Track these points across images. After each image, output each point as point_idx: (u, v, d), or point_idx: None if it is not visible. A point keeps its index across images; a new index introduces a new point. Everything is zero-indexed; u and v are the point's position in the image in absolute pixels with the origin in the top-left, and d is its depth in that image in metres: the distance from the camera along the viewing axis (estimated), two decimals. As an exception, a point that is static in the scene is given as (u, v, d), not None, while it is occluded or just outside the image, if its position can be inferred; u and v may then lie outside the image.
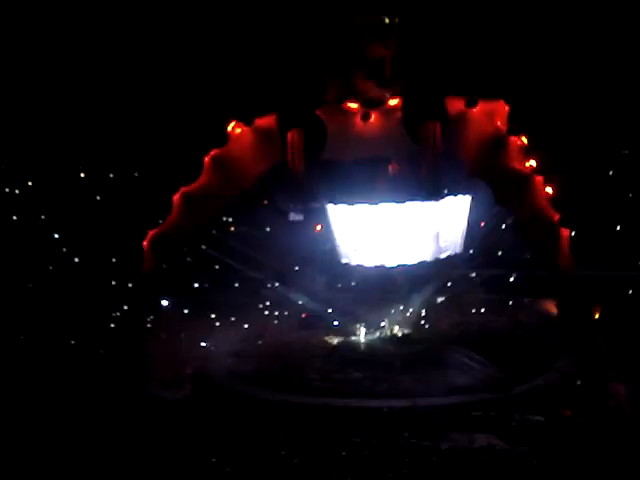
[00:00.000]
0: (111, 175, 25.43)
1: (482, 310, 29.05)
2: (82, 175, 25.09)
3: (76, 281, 24.61)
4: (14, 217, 24.70)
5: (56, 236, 24.57)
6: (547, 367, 23.64)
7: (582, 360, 22.84)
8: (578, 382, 21.69)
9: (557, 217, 25.12)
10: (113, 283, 25.12)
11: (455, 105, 25.61)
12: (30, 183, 24.27)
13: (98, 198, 25.42)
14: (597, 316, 25.57)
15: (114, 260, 25.36)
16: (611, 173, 25.80)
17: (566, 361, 23.68)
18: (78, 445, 17.64)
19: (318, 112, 26.31)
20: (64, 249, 24.66)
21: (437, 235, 28.14)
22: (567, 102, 24.90)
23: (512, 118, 25.24)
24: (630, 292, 25.16)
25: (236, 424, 19.63)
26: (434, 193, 27.63)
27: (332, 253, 29.48)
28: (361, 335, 28.81)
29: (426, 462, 16.64)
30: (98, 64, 24.55)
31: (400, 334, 28.25)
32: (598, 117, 25.11)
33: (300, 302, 29.48)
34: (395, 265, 28.00)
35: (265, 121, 26.79)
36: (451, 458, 16.94)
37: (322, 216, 29.20)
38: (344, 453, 17.30)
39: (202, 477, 15.83)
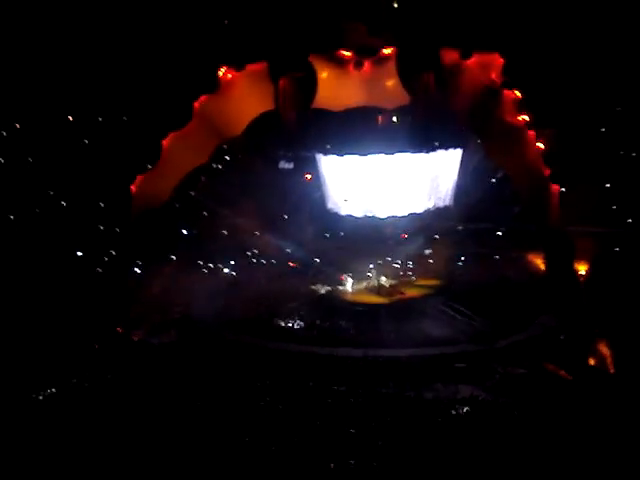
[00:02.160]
0: (100, 119, 25.05)
1: (469, 263, 29.25)
2: (70, 118, 24.65)
3: (63, 224, 24.41)
4: (1, 160, 24.36)
5: (44, 179, 24.28)
6: (531, 321, 23.91)
7: (566, 315, 23.15)
8: (561, 337, 22.00)
9: (547, 172, 25.18)
10: (101, 227, 24.98)
11: (450, 56, 25.39)
12: (18, 125, 23.88)
13: (86, 141, 25.08)
14: (583, 272, 25.77)
15: (102, 204, 25.17)
16: (603, 130, 25.67)
17: (550, 316, 23.98)
18: (64, 388, 17.76)
19: (310, 59, 26.04)
20: (51, 192, 24.42)
21: (427, 187, 28.19)
22: (562, 58, 24.62)
23: (506, 71, 25.12)
24: (617, 249, 25.29)
25: (221, 369, 19.77)
26: (425, 145, 27.59)
27: (321, 202, 29.51)
28: (348, 285, 28.94)
29: (409, 412, 16.88)
30: (90, 10, 24.06)
31: (387, 285, 28.44)
32: (592, 74, 24.87)
33: (288, 250, 29.56)
34: (385, 216, 28.08)
35: (256, 67, 26.49)
36: (434, 408, 17.19)
37: (312, 165, 29.16)
38: (329, 400, 17.53)
39: (186, 421, 16.00)
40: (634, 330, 21.21)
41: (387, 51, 25.71)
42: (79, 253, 24.34)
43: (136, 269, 25.84)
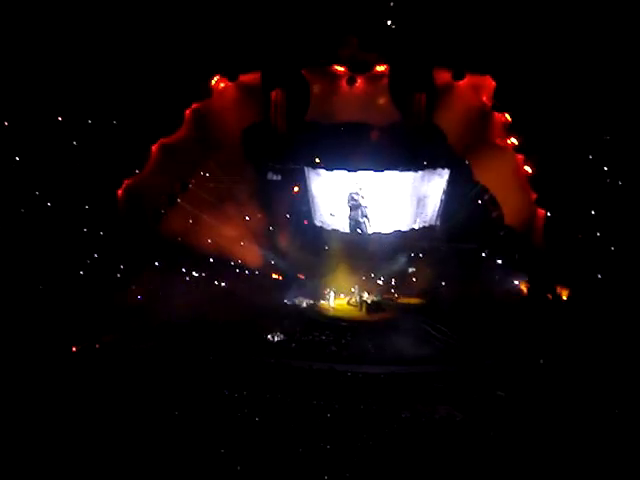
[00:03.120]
0: (89, 121, 24.95)
1: (452, 283, 29.22)
2: (60, 119, 24.53)
3: (49, 226, 24.24)
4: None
5: (30, 180, 24.11)
6: (512, 343, 23.95)
7: (547, 338, 23.19)
8: (541, 361, 22.04)
9: (534, 196, 25.35)
10: (85, 230, 24.83)
11: (442, 76, 25.57)
12: (6, 123, 23.73)
13: (75, 143, 24.97)
14: (565, 297, 25.87)
15: (87, 207, 25.03)
16: (590, 157, 25.85)
17: (531, 339, 24.02)
18: (42, 392, 17.60)
19: (304, 72, 26.14)
20: (37, 193, 24.27)
21: (414, 206, 28.26)
22: (552, 83, 24.82)
23: (497, 94, 25.31)
24: (599, 276, 25.42)
25: (199, 378, 19.69)
26: (414, 164, 27.70)
27: (308, 216, 29.52)
28: (330, 299, 28.90)
29: (386, 429, 16.85)
30: (85, 13, 24.04)
31: (369, 301, 28.42)
32: (582, 101, 25.08)
33: (272, 262, 29.52)
34: (370, 233, 28.11)
35: (249, 78, 26.57)
36: (411, 427, 17.18)
37: (300, 178, 29.18)
38: (306, 415, 17.47)
39: (165, 430, 15.89)
40: (616, 354, 21.33)
41: (380, 68, 25.86)
42: (62, 256, 24.21)
43: (119, 274, 25.73)
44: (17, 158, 24.04)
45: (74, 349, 21.53)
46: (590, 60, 24.62)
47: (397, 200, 28.18)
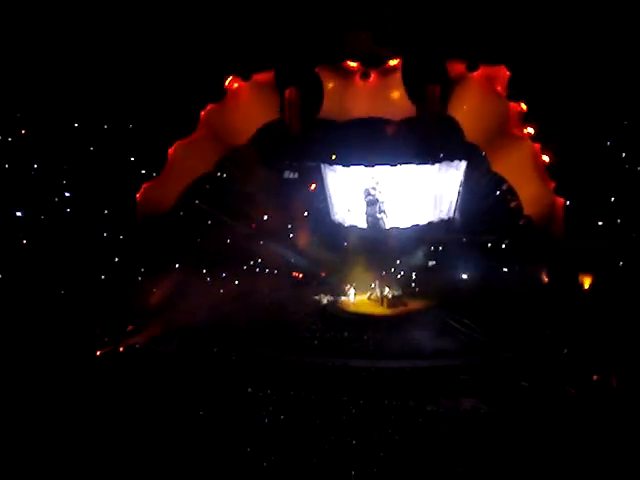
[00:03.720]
0: (105, 126, 25.13)
1: (473, 275, 29.16)
2: (76, 125, 24.73)
3: (69, 231, 24.44)
4: (6, 165, 24.40)
5: (49, 185, 24.34)
6: (535, 334, 23.80)
7: (570, 328, 23.03)
8: (565, 350, 21.89)
9: (553, 185, 25.13)
10: (105, 234, 25.00)
11: (456, 68, 25.45)
12: (24, 132, 23.96)
13: (92, 148, 25.16)
14: (587, 285, 25.67)
15: (106, 212, 25.20)
16: (608, 144, 25.67)
17: (554, 329, 23.87)
18: (66, 394, 17.74)
19: (317, 70, 26.10)
20: (56, 199, 24.48)
21: (431, 199, 28.14)
22: (568, 72, 24.68)
23: (512, 84, 25.14)
24: (621, 263, 25.23)
25: (223, 379, 19.73)
26: (430, 157, 27.56)
27: (326, 212, 29.49)
28: (351, 295, 28.87)
29: (411, 423, 16.82)
30: (97, 18, 24.23)
31: (390, 296, 28.35)
32: (598, 89, 24.91)
33: (292, 260, 29.53)
34: (389, 227, 28.01)
35: (263, 77, 26.61)
36: (436, 420, 17.13)
37: (317, 175, 29.15)
38: (331, 411, 17.47)
39: (187, 430, 15.96)
40: (637, 343, 21.18)
41: (393, 62, 25.76)
42: (83, 260, 24.39)
43: (139, 277, 25.84)
44: (36, 165, 24.31)
45: (98, 353, 21.67)
46: (605, 46, 24.48)
47: (414, 194, 28.08)
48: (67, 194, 24.85)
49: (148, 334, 23.87)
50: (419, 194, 28.22)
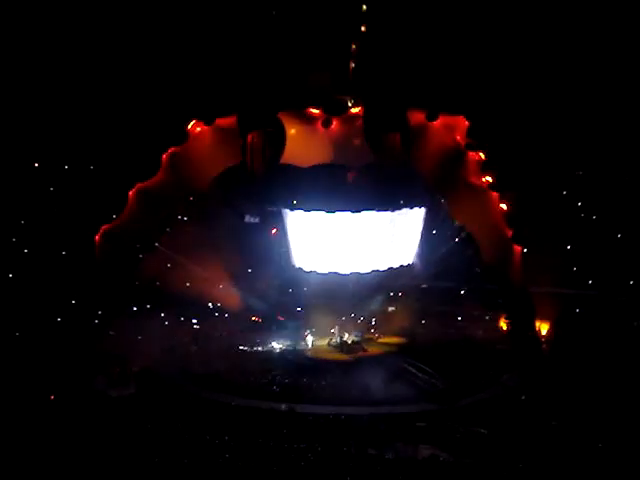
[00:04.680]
0: (66, 167, 24.94)
1: (431, 321, 29.29)
2: (36, 165, 24.52)
3: (25, 273, 24.06)
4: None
5: (6, 226, 24.01)
6: (492, 380, 23.95)
7: (527, 375, 23.23)
8: (522, 397, 22.03)
9: (510, 233, 25.56)
10: (62, 276, 24.62)
11: (416, 117, 25.86)
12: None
13: (51, 189, 24.92)
14: (545, 332, 26.00)
15: (64, 253, 24.87)
16: (564, 193, 26.20)
17: (512, 375, 24.05)
18: (20, 438, 17.33)
19: (279, 115, 26.33)
20: (14, 239, 24.14)
21: (391, 245, 28.34)
22: (525, 122, 25.25)
23: (471, 134, 25.63)
24: (578, 310, 25.62)
25: (180, 424, 19.46)
26: (390, 204, 27.83)
27: (286, 257, 29.50)
28: (310, 340, 28.78)
29: (370, 471, 16.72)
30: (61, 59, 24.22)
31: (349, 341, 28.33)
32: (554, 138, 25.50)
33: (251, 304, 29.38)
34: (348, 273, 28.12)
35: (226, 121, 26.71)
36: (395, 468, 17.06)
37: (278, 220, 29.22)
38: (289, 457, 17.31)
39: (144, 475, 15.68)
40: (596, 388, 21.41)
41: (355, 110, 26.11)
42: (38, 302, 23.98)
43: (97, 320, 25.49)
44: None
45: (52, 397, 21.21)
46: (561, 96, 25.12)
47: (374, 240, 28.26)
48: (23, 235, 24.50)
49: (104, 378, 23.49)
50: (379, 240, 28.40)
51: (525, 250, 25.64)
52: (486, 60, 25.26)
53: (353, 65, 25.85)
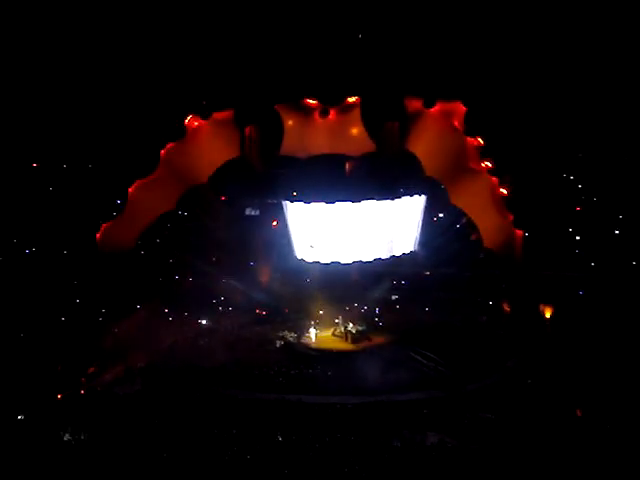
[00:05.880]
0: (64, 166, 24.97)
1: (435, 308, 29.35)
2: (34, 165, 24.55)
3: (27, 273, 24.12)
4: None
5: (7, 227, 24.07)
6: (498, 365, 23.97)
7: (532, 358, 23.25)
8: (528, 381, 22.06)
9: (511, 217, 25.52)
10: (65, 275, 24.69)
11: (413, 105, 25.80)
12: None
13: (51, 189, 24.96)
14: (548, 316, 25.99)
15: (65, 252, 24.93)
16: (565, 176, 26.20)
17: (517, 360, 24.06)
18: (26, 439, 17.40)
19: (276, 107, 26.28)
20: (15, 240, 24.19)
21: (392, 233, 28.31)
22: (524, 104, 25.22)
23: (469, 119, 25.57)
24: (580, 292, 25.62)
25: (187, 420, 19.50)
26: (390, 192, 27.80)
27: (288, 249, 29.51)
28: (315, 331, 28.80)
29: (378, 458, 16.75)
30: (59, 56, 24.23)
31: (354, 331, 28.36)
32: (554, 121, 25.47)
33: (255, 297, 29.41)
34: (350, 262, 28.12)
35: (223, 115, 26.67)
36: (403, 455, 17.08)
37: (279, 212, 29.21)
38: (295, 448, 17.34)
39: (154, 473, 15.72)
40: (598, 370, 21.45)
41: (352, 99, 26.05)
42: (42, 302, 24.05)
43: (101, 318, 25.55)
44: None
45: (59, 396, 21.28)
46: (559, 81, 25.07)
47: (375, 228, 28.23)
48: (24, 236, 24.56)
49: (110, 375, 23.56)
50: (380, 228, 28.38)
51: (526, 234, 25.64)
52: (482, 45, 25.23)
53: (350, 55, 25.80)
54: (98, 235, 25.08)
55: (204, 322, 28.24)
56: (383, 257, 28.88)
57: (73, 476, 15.49)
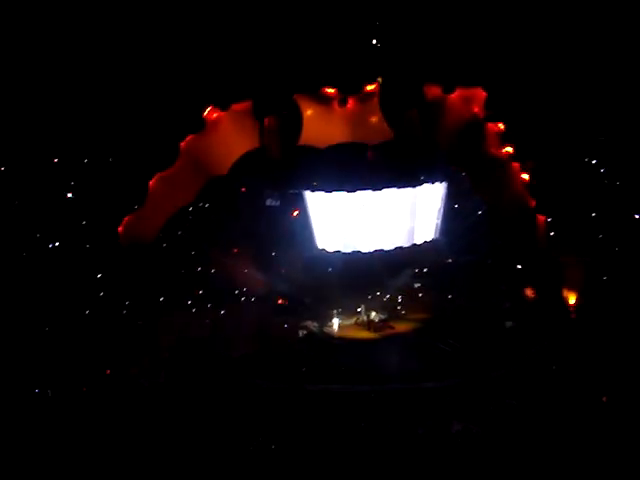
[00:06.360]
0: (85, 160, 25.11)
1: (458, 295, 29.24)
2: (55, 160, 24.71)
3: (51, 267, 24.30)
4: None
5: (30, 222, 24.25)
6: (522, 352, 23.86)
7: (557, 344, 23.12)
8: (553, 367, 21.94)
9: (533, 203, 25.33)
10: (88, 269, 24.86)
11: (433, 91, 25.64)
12: (3, 168, 23.88)
13: (72, 183, 25.12)
14: (572, 301, 25.82)
15: (88, 246, 25.10)
16: (587, 160, 25.95)
17: (541, 346, 23.93)
18: (52, 431, 17.57)
19: (295, 97, 26.25)
20: (38, 235, 24.37)
21: (413, 221, 28.26)
22: (544, 89, 25.01)
23: (489, 105, 25.40)
24: (605, 278, 25.40)
25: (212, 410, 19.61)
26: (411, 180, 27.73)
27: (309, 239, 29.53)
28: (337, 320, 28.83)
29: (403, 446, 16.76)
30: (75, 51, 24.34)
31: (376, 319, 28.36)
32: (574, 105, 25.25)
33: (277, 287, 29.47)
34: (372, 251, 28.09)
35: (242, 106, 26.66)
36: (427, 442, 17.08)
37: (299, 202, 29.22)
38: (319, 437, 17.39)
39: (180, 461, 15.83)
40: (624, 357, 21.28)
41: (370, 88, 25.96)
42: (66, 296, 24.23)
43: (124, 310, 25.69)
44: (16, 202, 24.23)
45: (84, 389, 21.47)
46: (580, 64, 24.83)
47: (396, 217, 28.19)
48: (46, 230, 24.74)
49: (134, 367, 23.71)
50: (401, 217, 28.34)
51: (549, 219, 25.45)
52: (502, 29, 25.03)
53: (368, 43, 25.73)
54: (120, 228, 25.21)
55: (226, 313, 28.32)
56: (404, 246, 28.84)
57: (100, 466, 15.65)
